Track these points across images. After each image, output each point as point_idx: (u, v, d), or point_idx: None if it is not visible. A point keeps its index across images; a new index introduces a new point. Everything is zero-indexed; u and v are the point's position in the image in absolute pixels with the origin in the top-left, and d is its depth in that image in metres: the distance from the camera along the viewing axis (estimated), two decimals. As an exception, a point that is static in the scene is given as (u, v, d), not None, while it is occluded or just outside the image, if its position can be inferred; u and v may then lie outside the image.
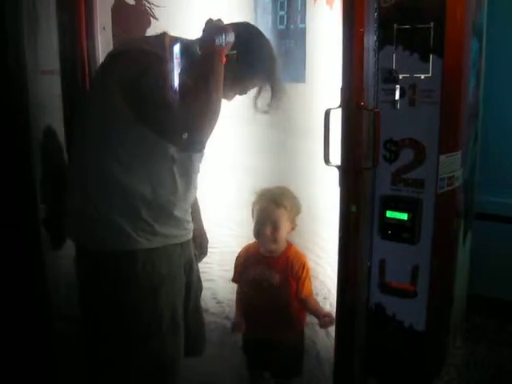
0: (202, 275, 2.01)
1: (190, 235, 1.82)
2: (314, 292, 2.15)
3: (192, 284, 1.86)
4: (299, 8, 2.04)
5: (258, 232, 2.06)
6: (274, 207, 2.05)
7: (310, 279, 2.08)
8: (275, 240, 2.04)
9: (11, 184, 1.90)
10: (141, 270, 1.63)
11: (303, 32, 2.03)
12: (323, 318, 2.02)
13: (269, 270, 2.07)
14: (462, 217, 1.86)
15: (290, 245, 2.10)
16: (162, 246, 1.67)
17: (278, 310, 2.06)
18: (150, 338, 1.66)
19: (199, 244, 2.02)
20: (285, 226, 2.04)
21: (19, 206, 1.91)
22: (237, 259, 2.17)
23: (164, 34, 1.65)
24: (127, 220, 1.61)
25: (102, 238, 1.63)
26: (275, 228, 2.03)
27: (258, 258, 2.11)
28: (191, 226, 1.81)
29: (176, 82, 1.53)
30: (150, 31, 2.05)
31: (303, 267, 2.04)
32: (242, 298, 2.18)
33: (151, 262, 1.64)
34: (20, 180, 1.90)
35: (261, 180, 2.18)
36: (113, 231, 1.61)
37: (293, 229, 2.08)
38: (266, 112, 1.75)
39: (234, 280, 2.18)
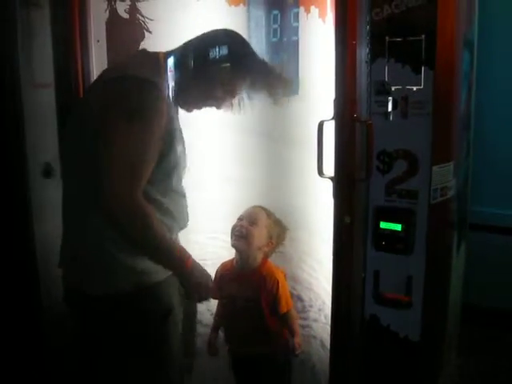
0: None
1: None
2: (308, 304, 2.15)
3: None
4: (292, 21, 2.05)
5: (234, 226, 2.04)
6: (258, 208, 2.06)
7: (287, 295, 2.04)
8: (244, 237, 2.00)
9: (5, 196, 1.91)
10: (149, 304, 1.59)
11: (296, 45, 2.05)
12: (293, 344, 2.03)
13: (242, 286, 2.05)
14: (455, 227, 1.87)
15: (265, 261, 2.07)
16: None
17: (254, 325, 2.04)
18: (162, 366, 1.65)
19: None
20: (261, 231, 2.02)
21: (13, 217, 1.92)
22: (214, 275, 2.16)
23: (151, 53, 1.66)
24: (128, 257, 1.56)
25: (104, 281, 1.57)
26: (249, 223, 2.01)
27: (233, 275, 2.09)
28: None
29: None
30: (144, 44, 2.07)
31: (277, 284, 2.01)
32: (219, 314, 2.17)
33: (159, 294, 1.61)
34: (14, 192, 1.91)
35: (254, 191, 2.19)
36: (116, 271, 1.56)
37: (268, 246, 2.05)
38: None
39: (213, 296, 2.17)
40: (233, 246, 2.04)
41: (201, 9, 2.04)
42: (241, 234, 2.01)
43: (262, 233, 2.03)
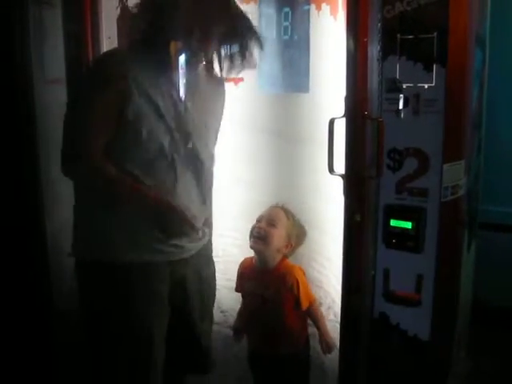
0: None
1: (185, 254, 1.73)
2: (318, 302, 2.14)
3: (188, 299, 1.82)
4: (303, 19, 2.05)
5: (253, 228, 2.03)
6: (277, 208, 2.06)
7: (306, 291, 2.04)
8: (264, 238, 1.99)
9: (18, 191, 1.93)
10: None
11: (307, 42, 2.05)
12: (321, 343, 2.04)
13: (262, 283, 2.05)
14: (466, 226, 1.86)
15: (283, 259, 2.06)
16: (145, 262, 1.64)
17: (275, 323, 2.03)
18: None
19: None
20: (280, 233, 2.01)
21: (25, 212, 1.94)
22: (238, 270, 2.17)
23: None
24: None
25: (96, 249, 1.64)
26: (268, 224, 2.01)
27: (252, 272, 2.09)
28: (191, 245, 1.74)
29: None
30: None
31: (297, 282, 2.00)
32: (243, 309, 2.18)
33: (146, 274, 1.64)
34: (27, 187, 1.92)
35: (264, 190, 2.19)
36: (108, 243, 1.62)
37: (287, 247, 2.04)
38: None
39: (237, 290, 2.18)
40: (251, 247, 2.04)
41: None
42: (259, 236, 2.00)
43: (280, 234, 2.02)
